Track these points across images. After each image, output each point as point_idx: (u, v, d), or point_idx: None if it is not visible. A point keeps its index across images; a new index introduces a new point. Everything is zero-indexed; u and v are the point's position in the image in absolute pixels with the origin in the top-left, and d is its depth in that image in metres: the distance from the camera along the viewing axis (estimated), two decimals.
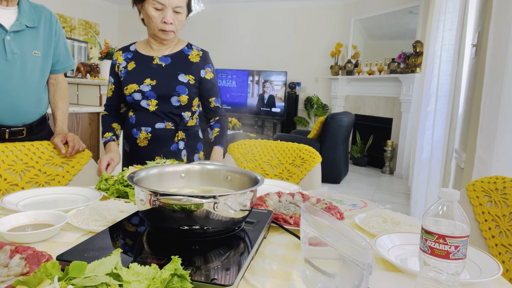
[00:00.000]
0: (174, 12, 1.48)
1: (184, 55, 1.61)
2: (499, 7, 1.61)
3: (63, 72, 1.71)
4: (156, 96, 1.56)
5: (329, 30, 7.07)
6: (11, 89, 1.48)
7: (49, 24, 1.60)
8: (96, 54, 3.34)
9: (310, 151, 1.75)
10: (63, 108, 1.69)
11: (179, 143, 1.60)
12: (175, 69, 1.57)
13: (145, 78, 1.55)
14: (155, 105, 1.57)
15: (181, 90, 1.56)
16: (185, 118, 1.62)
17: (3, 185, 1.43)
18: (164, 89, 1.55)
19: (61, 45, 1.66)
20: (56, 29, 1.62)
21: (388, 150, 5.61)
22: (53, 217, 0.93)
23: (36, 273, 0.56)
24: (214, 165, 1.03)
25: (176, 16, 1.49)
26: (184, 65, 1.59)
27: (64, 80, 1.74)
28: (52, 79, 1.68)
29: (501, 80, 1.55)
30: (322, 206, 1.10)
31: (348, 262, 0.57)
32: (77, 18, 7.45)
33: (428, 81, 3.62)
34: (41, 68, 1.57)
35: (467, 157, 2.08)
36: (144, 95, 1.56)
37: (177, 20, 1.50)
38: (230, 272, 0.67)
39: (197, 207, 0.73)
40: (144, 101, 1.56)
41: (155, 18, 1.48)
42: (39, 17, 1.57)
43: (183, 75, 1.57)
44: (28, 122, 1.59)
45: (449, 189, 0.63)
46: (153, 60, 1.58)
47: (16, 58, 1.48)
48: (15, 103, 1.51)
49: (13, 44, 1.47)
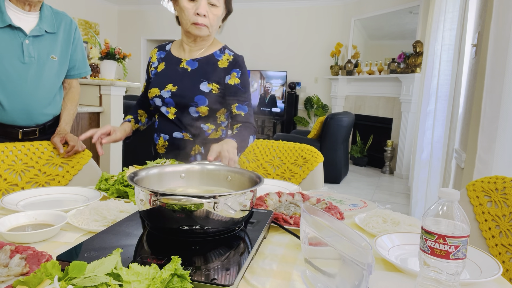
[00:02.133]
0: (209, 4, 1.36)
1: (213, 60, 1.47)
2: (499, 7, 1.61)
3: (78, 77, 1.75)
4: (174, 104, 1.46)
5: (329, 30, 7.08)
6: (26, 91, 1.52)
7: (68, 31, 1.64)
8: (96, 54, 3.34)
9: (312, 151, 1.75)
10: (70, 110, 1.72)
11: (197, 156, 1.48)
12: (199, 75, 1.45)
13: (168, 83, 1.46)
14: (174, 113, 1.47)
15: (200, 101, 1.43)
16: (206, 131, 1.49)
17: (3, 185, 1.43)
18: (182, 98, 1.44)
19: (78, 52, 1.70)
20: (75, 36, 1.67)
21: (388, 150, 5.61)
22: (53, 217, 0.93)
23: (36, 273, 0.56)
24: (214, 165, 1.03)
25: (211, 10, 1.37)
26: (211, 71, 1.45)
27: (78, 85, 1.79)
28: (66, 83, 1.73)
29: (502, 80, 1.55)
30: (322, 206, 1.10)
31: (348, 262, 0.57)
32: (77, 18, 7.45)
33: (428, 81, 3.63)
34: (57, 72, 1.61)
35: (467, 157, 2.08)
36: (164, 102, 1.47)
37: (211, 14, 1.37)
38: (230, 272, 0.66)
39: (197, 207, 0.73)
40: (164, 107, 1.48)
41: (187, 10, 1.36)
42: (59, 23, 1.61)
43: (206, 84, 1.44)
44: (41, 123, 1.62)
45: (449, 189, 0.63)
46: (181, 63, 1.48)
47: (33, 62, 1.51)
48: (29, 104, 1.54)
49: (31, 48, 1.51)
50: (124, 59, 3.43)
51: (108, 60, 3.37)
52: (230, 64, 1.47)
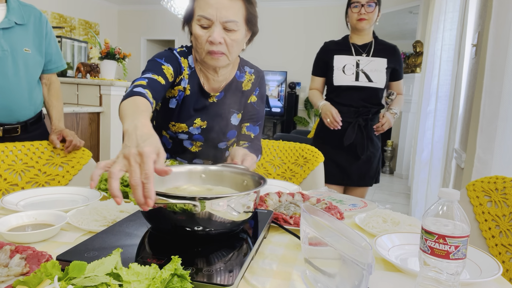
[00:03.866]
0: (224, 29, 1.14)
1: (237, 84, 1.33)
2: (499, 7, 1.61)
3: (56, 72, 1.73)
4: (203, 140, 1.32)
5: (329, 30, 7.07)
6: (4, 86, 1.49)
7: (39, 23, 1.60)
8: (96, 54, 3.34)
9: (312, 151, 1.75)
10: (58, 107, 1.71)
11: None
12: (228, 107, 1.30)
13: (196, 118, 1.29)
14: (199, 146, 1.35)
15: (231, 135, 1.34)
16: (226, 155, 1.43)
17: (3, 185, 1.43)
18: (213, 134, 1.31)
19: (52, 45, 1.67)
20: (47, 29, 1.63)
21: (388, 150, 5.61)
22: (53, 217, 0.93)
23: (36, 273, 0.56)
24: (217, 166, 1.03)
25: (228, 35, 1.14)
26: (237, 99, 1.32)
27: (57, 80, 1.76)
28: (45, 79, 1.70)
29: (501, 80, 1.55)
30: (322, 206, 1.10)
31: (348, 262, 0.57)
32: (77, 18, 7.45)
33: (428, 81, 3.63)
34: (33, 65, 1.58)
35: (467, 157, 2.08)
36: (191, 138, 1.32)
37: (229, 39, 1.15)
38: (230, 272, 0.66)
39: (198, 208, 0.72)
40: (188, 141, 1.34)
41: (201, 38, 1.15)
42: (28, 15, 1.57)
43: (236, 115, 1.32)
44: (22, 120, 1.59)
45: (449, 189, 0.63)
46: (210, 97, 1.30)
47: (7, 55, 1.48)
48: (9, 100, 1.52)
49: (3, 41, 1.48)
50: (124, 59, 3.44)
51: (108, 60, 3.37)
52: (253, 85, 1.35)
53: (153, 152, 0.68)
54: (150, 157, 0.66)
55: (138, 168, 0.66)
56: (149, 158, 0.66)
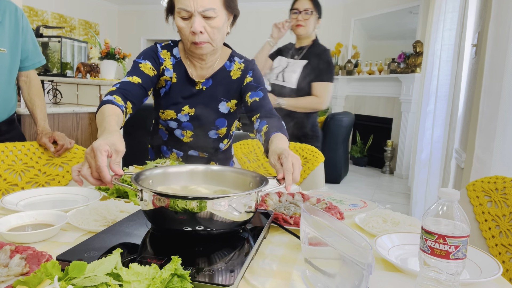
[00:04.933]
0: (204, 17, 1.18)
1: (225, 73, 1.36)
2: (499, 7, 1.61)
3: (34, 68, 1.63)
4: (193, 128, 1.37)
5: (329, 30, 7.07)
6: None
7: (14, 19, 1.49)
8: (96, 54, 3.34)
9: (313, 151, 1.75)
10: (41, 106, 1.62)
11: None
12: (216, 94, 1.35)
13: (184, 105, 1.34)
14: (190, 136, 1.40)
15: (221, 124, 1.37)
16: (221, 148, 1.48)
17: (3, 185, 1.43)
18: (201, 121, 1.36)
19: (29, 41, 1.56)
20: (23, 24, 1.52)
21: (388, 150, 5.61)
22: (53, 217, 0.93)
23: (36, 273, 0.56)
24: (219, 166, 1.03)
25: (208, 23, 1.19)
26: (226, 87, 1.35)
27: (37, 77, 1.66)
28: (24, 76, 1.61)
29: (501, 80, 1.55)
30: (322, 206, 1.10)
31: (348, 262, 0.57)
32: (77, 18, 7.45)
33: (428, 81, 3.63)
34: (8, 67, 1.49)
35: (467, 157, 2.08)
36: (180, 126, 1.37)
37: (209, 27, 1.19)
38: (230, 272, 0.66)
39: (200, 208, 0.73)
40: (178, 130, 1.39)
41: (183, 30, 1.21)
42: (3, 11, 1.46)
43: (224, 104, 1.35)
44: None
45: (449, 189, 0.63)
46: (196, 85, 1.34)
47: None
48: None
49: None
50: (124, 59, 3.44)
51: (108, 60, 3.37)
52: (243, 72, 1.37)
53: (104, 145, 0.82)
54: (99, 150, 0.80)
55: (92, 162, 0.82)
56: (98, 151, 0.80)
